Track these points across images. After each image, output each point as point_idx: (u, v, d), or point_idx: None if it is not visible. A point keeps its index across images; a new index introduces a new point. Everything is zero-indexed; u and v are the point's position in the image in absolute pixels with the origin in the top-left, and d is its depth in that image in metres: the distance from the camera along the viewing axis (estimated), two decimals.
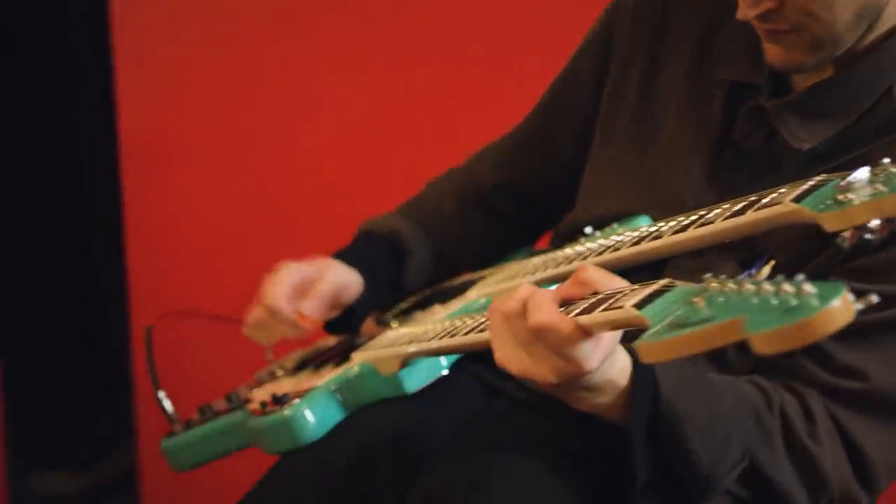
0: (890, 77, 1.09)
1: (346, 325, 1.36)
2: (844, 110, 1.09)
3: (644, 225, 1.17)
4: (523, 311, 0.85)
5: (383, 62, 2.43)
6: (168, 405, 1.31)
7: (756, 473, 0.97)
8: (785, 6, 1.03)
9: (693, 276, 1.12)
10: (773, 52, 1.09)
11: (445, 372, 1.13)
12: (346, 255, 1.36)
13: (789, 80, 1.14)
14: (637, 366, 0.91)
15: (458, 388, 1.16)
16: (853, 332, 0.77)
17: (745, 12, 1.05)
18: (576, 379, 0.85)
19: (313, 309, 1.28)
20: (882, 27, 1.07)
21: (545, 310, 0.83)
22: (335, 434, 1.10)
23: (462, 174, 1.45)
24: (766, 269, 1.12)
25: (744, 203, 0.86)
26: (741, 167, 1.16)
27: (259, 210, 2.52)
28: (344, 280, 1.32)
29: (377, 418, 1.10)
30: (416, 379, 1.10)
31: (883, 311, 0.98)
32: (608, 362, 0.87)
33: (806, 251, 1.03)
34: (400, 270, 1.38)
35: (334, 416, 1.12)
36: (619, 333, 0.86)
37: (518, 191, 1.41)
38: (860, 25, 1.05)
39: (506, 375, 1.05)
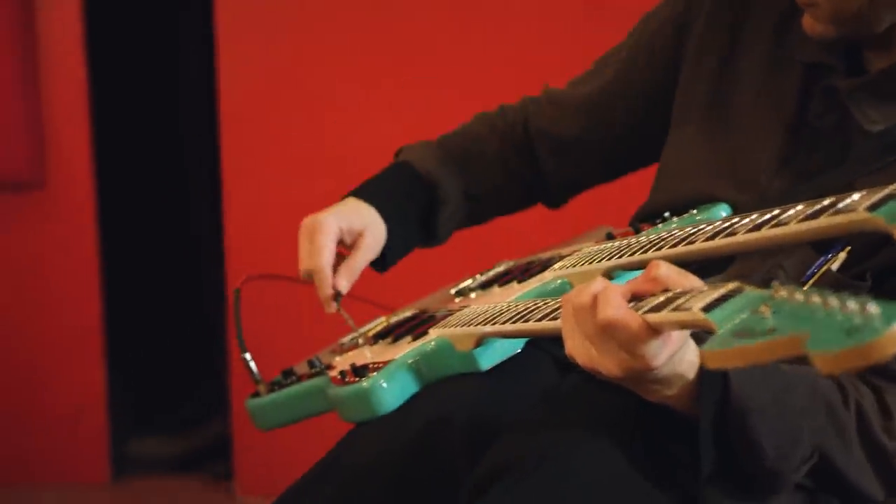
0: None
1: (381, 262, 1.39)
2: None
3: (722, 214, 1.19)
4: (594, 304, 0.87)
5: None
6: (254, 367, 1.37)
7: (829, 469, 0.98)
8: None
9: (765, 260, 1.14)
10: (806, 22, 1.13)
11: (519, 350, 1.16)
12: (380, 198, 1.36)
13: (865, 62, 1.14)
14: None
15: (532, 364, 1.19)
16: None
17: None
18: (642, 374, 0.88)
19: (349, 285, 1.33)
20: None
21: (614, 305, 0.85)
22: (411, 406, 1.14)
23: (514, 114, 1.48)
24: (842, 256, 1.13)
25: (819, 206, 0.86)
26: (814, 148, 1.17)
27: (353, 179, 2.58)
28: (378, 243, 1.35)
29: (452, 392, 1.13)
30: (490, 356, 1.13)
31: None
32: (676, 357, 0.89)
33: (881, 240, 1.03)
34: (432, 216, 1.42)
35: (410, 388, 1.16)
36: (687, 331, 0.88)
37: (560, 147, 1.44)
38: (882, 11, 1.07)
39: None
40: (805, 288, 1.14)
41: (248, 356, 1.37)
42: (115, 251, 2.88)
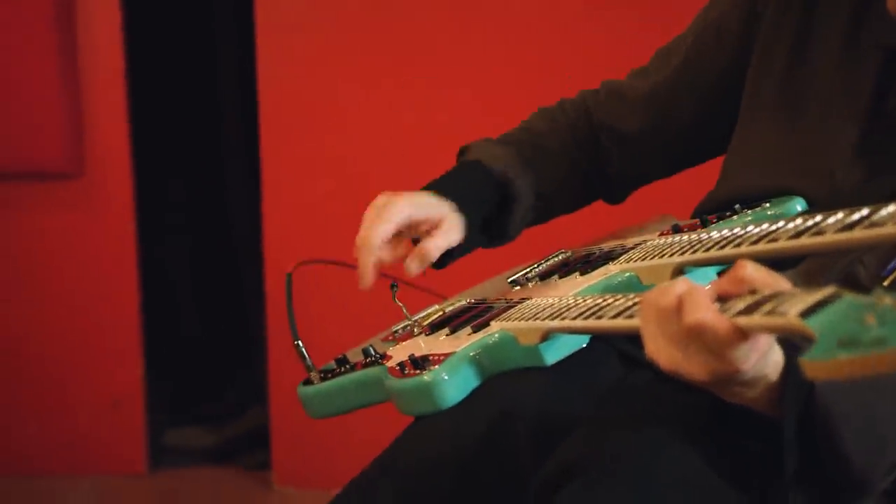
0: None
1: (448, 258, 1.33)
2: None
3: (798, 208, 1.15)
4: (679, 307, 0.84)
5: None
6: (306, 353, 1.35)
7: None
8: None
9: (842, 254, 1.10)
10: (892, 3, 1.09)
11: (585, 345, 1.13)
12: (457, 193, 1.30)
13: None
14: (791, 362, 0.89)
15: (597, 359, 1.16)
16: None
17: None
18: (729, 377, 0.85)
19: (418, 270, 1.26)
20: None
21: (702, 309, 0.82)
22: (474, 400, 1.12)
23: (574, 107, 1.44)
24: None
25: None
26: (893, 138, 1.13)
27: (392, 166, 2.56)
28: (455, 235, 1.27)
29: (517, 387, 1.10)
30: (556, 351, 1.11)
31: None
32: (763, 359, 0.86)
33: None
34: (502, 214, 1.37)
35: (472, 382, 1.13)
36: (774, 334, 0.85)
37: (623, 141, 1.40)
38: None
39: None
40: (884, 285, 1.12)
41: (300, 343, 1.35)
42: (152, 241, 2.87)
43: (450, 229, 1.26)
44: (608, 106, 1.42)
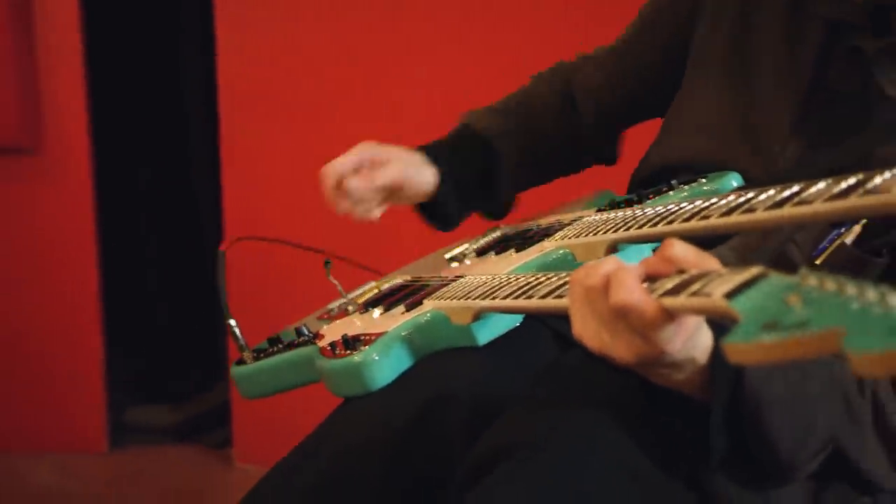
0: None
1: (440, 215, 1.41)
2: None
3: (733, 184, 1.13)
4: (606, 287, 0.82)
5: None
6: (239, 333, 1.32)
7: (843, 458, 0.94)
8: None
9: (773, 232, 1.09)
10: None
11: (518, 324, 1.11)
12: (432, 150, 1.40)
13: (892, 23, 1.08)
14: (718, 346, 0.88)
15: (531, 338, 1.14)
16: None
17: None
18: (655, 359, 0.83)
19: (359, 190, 1.32)
20: None
21: (628, 288, 0.80)
22: (406, 380, 1.09)
23: (564, 70, 1.50)
24: (857, 229, 1.08)
25: (845, 184, 0.81)
26: (831, 112, 1.12)
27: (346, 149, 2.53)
28: (408, 175, 1.35)
29: (451, 368, 1.08)
30: (489, 330, 1.09)
31: None
32: (690, 342, 0.84)
33: None
34: (492, 172, 1.42)
35: (404, 362, 1.11)
36: (702, 316, 0.83)
37: (591, 91, 1.45)
38: None
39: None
40: (817, 264, 1.11)
41: (233, 322, 1.32)
42: (112, 217, 2.82)
43: (393, 171, 1.34)
44: (578, 64, 1.49)
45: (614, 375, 1.01)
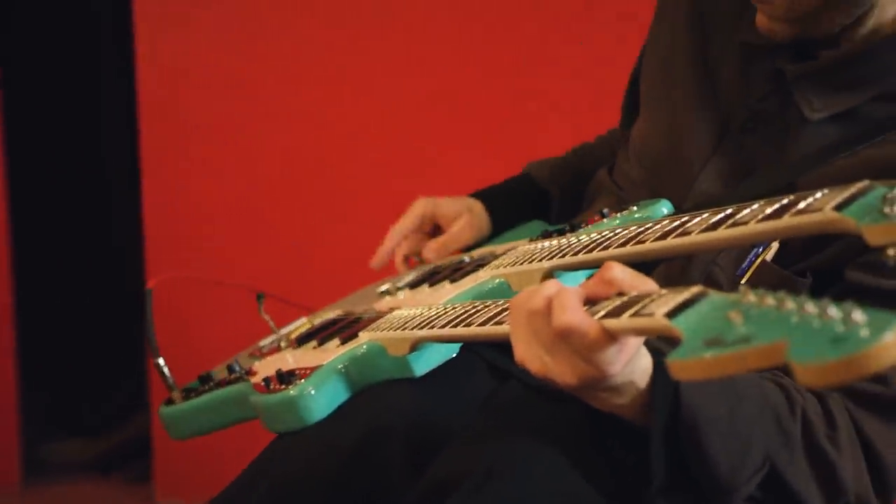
0: None
1: None
2: (860, 87, 1.10)
3: (663, 211, 1.15)
4: (548, 310, 0.82)
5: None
6: (167, 372, 1.29)
7: (775, 478, 0.95)
8: None
9: (695, 256, 1.12)
10: (759, 19, 1.12)
11: (455, 355, 1.10)
12: (490, 199, 1.44)
13: (813, 47, 1.12)
14: (658, 368, 0.88)
15: (466, 370, 1.14)
16: None
17: None
18: (597, 381, 0.83)
19: (437, 257, 1.38)
20: (893, 9, 1.06)
21: (570, 311, 0.80)
22: (342, 414, 1.08)
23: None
24: (774, 245, 1.11)
25: (778, 205, 0.82)
26: (751, 133, 1.15)
27: (273, 182, 2.50)
28: (479, 235, 1.41)
29: (386, 399, 1.07)
30: (425, 361, 1.08)
31: None
32: (631, 364, 0.85)
33: (819, 237, 1.01)
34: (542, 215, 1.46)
35: (340, 395, 1.09)
36: (642, 337, 0.84)
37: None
38: (837, 10, 1.07)
39: (514, 358, 1.03)
40: (742, 283, 1.13)
41: (161, 361, 1.29)
42: (28, 243, 2.74)
43: (462, 228, 1.39)
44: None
45: (553, 407, 1.01)
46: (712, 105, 1.18)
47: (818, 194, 0.81)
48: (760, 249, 1.10)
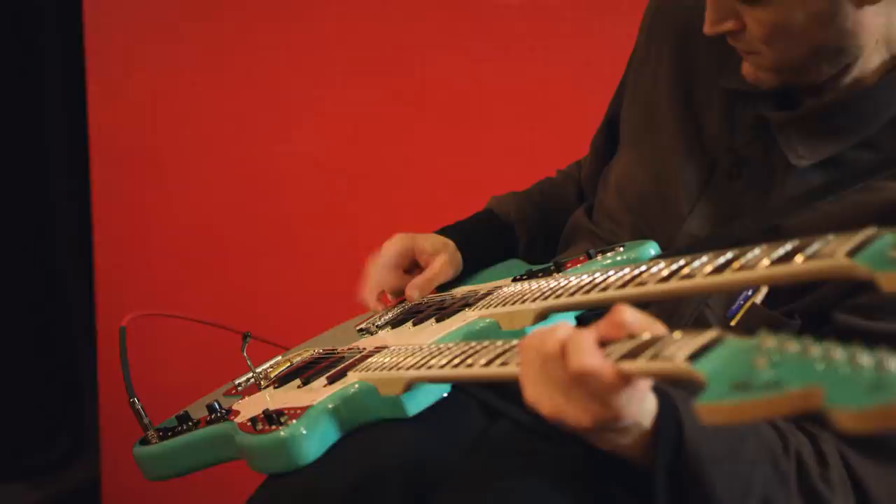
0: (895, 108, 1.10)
1: None
2: (844, 134, 1.12)
3: (651, 253, 1.17)
4: (562, 352, 0.82)
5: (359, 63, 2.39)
6: (142, 411, 1.26)
7: None
8: (745, 31, 1.07)
9: (684, 305, 1.13)
10: (745, 69, 1.16)
11: (446, 394, 1.10)
12: (459, 236, 1.44)
13: (797, 95, 1.15)
14: (663, 408, 0.89)
15: (458, 410, 1.14)
16: None
17: (708, 28, 1.13)
18: (610, 423, 0.83)
19: (420, 296, 1.36)
20: (877, 58, 1.10)
21: (587, 354, 0.80)
22: (334, 455, 1.07)
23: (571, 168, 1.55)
24: (764, 289, 1.13)
25: (787, 249, 0.84)
26: (737, 177, 1.18)
27: (228, 214, 2.47)
28: (455, 271, 1.40)
29: (379, 440, 1.06)
30: (418, 401, 1.07)
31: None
32: (641, 405, 0.85)
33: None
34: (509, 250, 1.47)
35: (331, 436, 1.08)
36: (650, 380, 0.85)
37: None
38: (821, 62, 1.10)
39: (506, 397, 1.03)
40: (732, 324, 1.14)
41: (136, 400, 1.26)
42: None
43: (444, 265, 1.38)
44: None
45: (547, 447, 1.02)
46: (698, 149, 1.20)
47: (824, 240, 0.83)
48: (751, 292, 1.12)
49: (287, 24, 2.42)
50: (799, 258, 0.81)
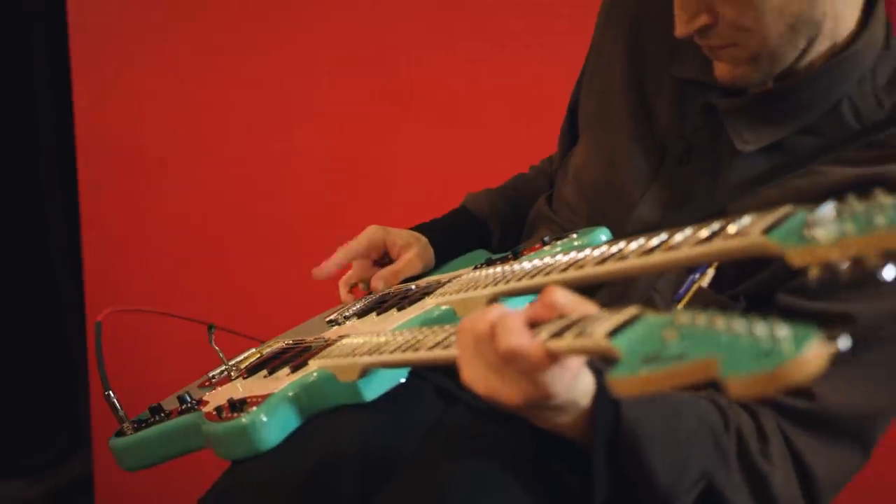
0: (837, 94, 1.12)
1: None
2: (788, 120, 1.14)
3: (602, 238, 1.19)
4: (492, 333, 0.85)
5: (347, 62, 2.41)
6: (117, 404, 1.30)
7: (712, 493, 0.99)
8: (719, 22, 1.07)
9: (634, 282, 1.16)
10: (720, 70, 1.16)
11: (403, 380, 1.13)
12: (433, 232, 1.46)
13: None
14: (600, 386, 0.92)
15: (415, 395, 1.17)
16: None
17: (682, 29, 1.12)
18: (541, 401, 0.86)
19: (385, 287, 1.39)
20: (825, 42, 1.11)
21: (514, 334, 0.83)
22: (294, 441, 1.10)
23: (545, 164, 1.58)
24: (711, 272, 1.16)
25: (709, 230, 0.87)
26: (686, 163, 1.20)
27: (217, 212, 2.51)
28: (424, 266, 1.43)
29: (337, 425, 1.10)
30: (375, 387, 1.11)
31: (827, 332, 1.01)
32: (573, 383, 0.88)
33: (752, 261, 1.06)
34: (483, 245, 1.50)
35: (292, 422, 1.12)
36: (584, 358, 0.87)
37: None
38: (797, 38, 1.10)
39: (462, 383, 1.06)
40: (679, 307, 1.17)
41: (111, 393, 1.30)
42: None
43: (412, 258, 1.40)
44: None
45: (499, 430, 1.05)
46: (650, 136, 1.23)
47: (746, 219, 0.86)
48: (697, 275, 1.15)
49: (279, 23, 2.44)
50: (718, 238, 0.84)
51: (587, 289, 1.20)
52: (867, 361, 1.04)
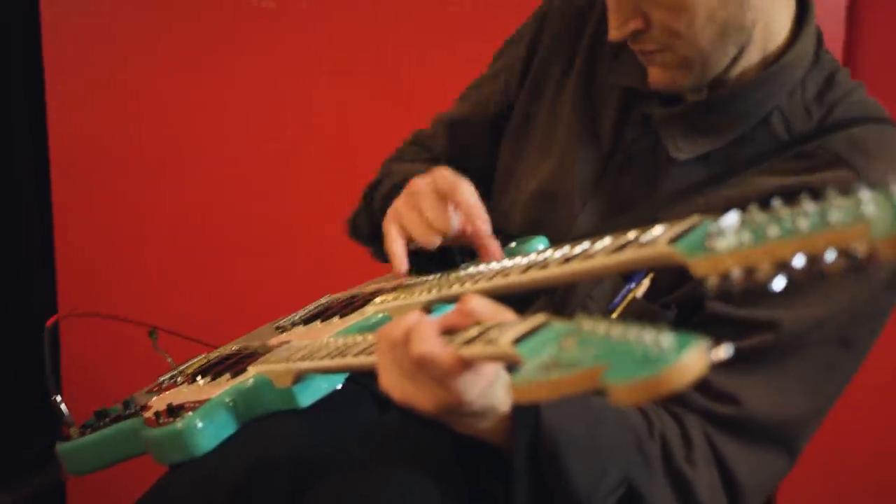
0: (769, 105, 1.14)
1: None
2: (722, 130, 1.16)
3: (539, 247, 1.21)
4: (407, 340, 0.86)
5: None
6: (64, 408, 1.31)
7: (634, 498, 1.00)
8: (651, 26, 1.08)
9: (573, 290, 1.17)
10: (653, 74, 1.17)
11: (340, 386, 1.14)
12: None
13: (681, 93, 1.19)
14: None
15: (351, 400, 1.18)
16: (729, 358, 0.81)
17: (614, 33, 1.12)
18: (455, 408, 0.87)
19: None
20: (757, 53, 1.12)
21: (426, 340, 0.85)
22: (229, 446, 1.11)
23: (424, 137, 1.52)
24: (646, 283, 1.17)
25: (625, 239, 0.88)
26: (627, 172, 1.21)
27: (205, 212, 2.51)
28: None
29: (271, 431, 1.11)
30: (310, 393, 1.11)
31: (753, 338, 1.02)
32: (489, 390, 0.89)
33: (683, 270, 1.07)
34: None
35: (228, 428, 1.12)
36: (500, 364, 0.89)
37: (434, 159, 1.45)
38: (727, 43, 1.11)
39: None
40: (612, 317, 1.19)
41: (58, 398, 1.31)
42: None
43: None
44: (428, 130, 1.50)
45: (429, 435, 1.06)
46: (595, 144, 1.24)
47: (658, 229, 0.87)
48: (633, 285, 1.16)
49: (275, 21, 2.44)
50: (631, 247, 0.85)
51: (529, 297, 1.22)
52: (792, 368, 1.05)
